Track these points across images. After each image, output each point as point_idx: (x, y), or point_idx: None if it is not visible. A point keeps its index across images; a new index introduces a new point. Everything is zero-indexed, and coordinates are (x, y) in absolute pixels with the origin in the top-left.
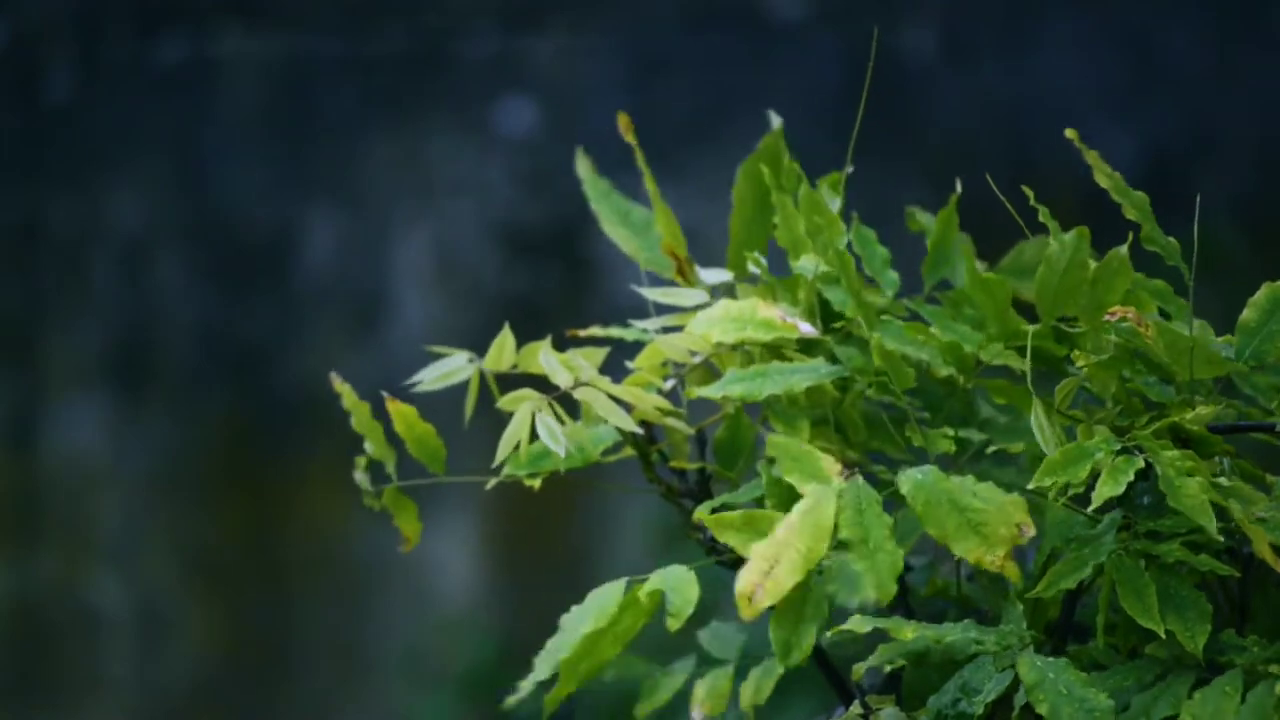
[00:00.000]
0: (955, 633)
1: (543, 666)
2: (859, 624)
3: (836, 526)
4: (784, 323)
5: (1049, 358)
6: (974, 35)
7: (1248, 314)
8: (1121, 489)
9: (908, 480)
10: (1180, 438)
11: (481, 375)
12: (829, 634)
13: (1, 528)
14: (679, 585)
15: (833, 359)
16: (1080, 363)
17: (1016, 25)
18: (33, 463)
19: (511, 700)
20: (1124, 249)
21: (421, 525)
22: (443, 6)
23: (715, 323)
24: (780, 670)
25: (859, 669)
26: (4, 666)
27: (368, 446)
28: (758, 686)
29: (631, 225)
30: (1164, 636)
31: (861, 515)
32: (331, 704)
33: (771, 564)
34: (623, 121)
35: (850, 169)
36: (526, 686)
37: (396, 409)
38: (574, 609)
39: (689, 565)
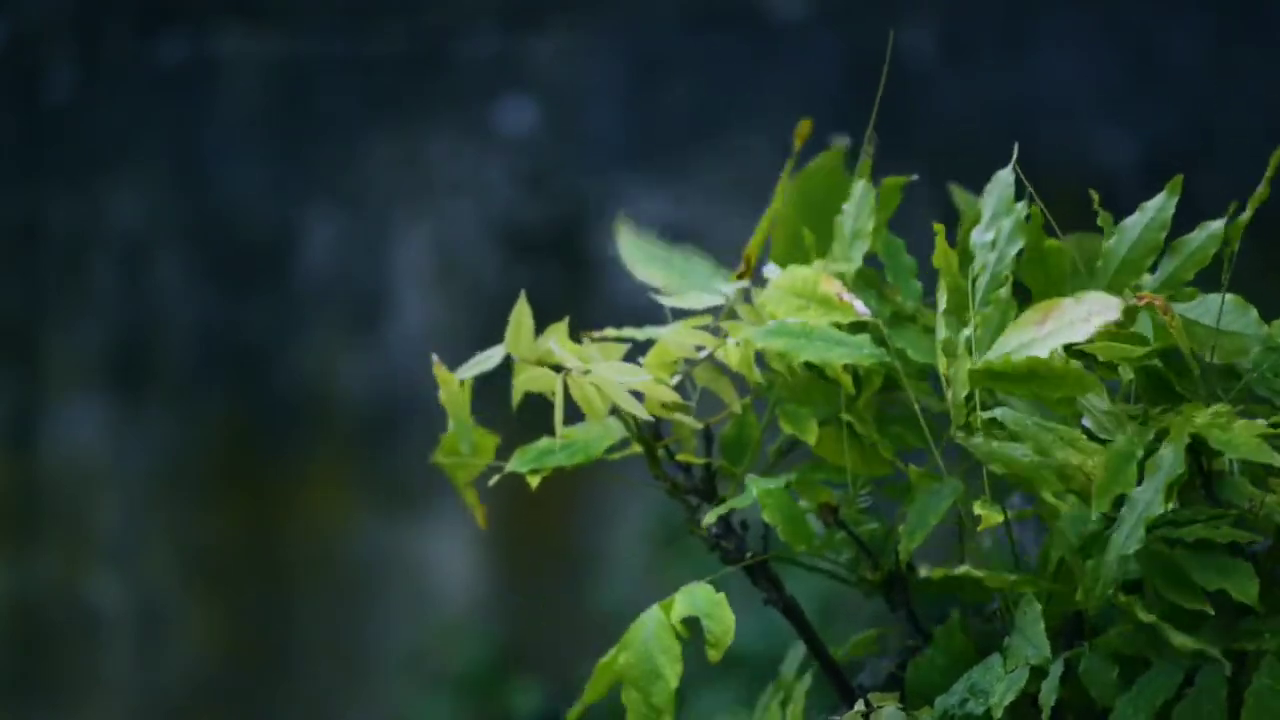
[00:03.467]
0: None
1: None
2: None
3: None
4: (842, 301)
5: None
6: (974, 35)
7: (1270, 331)
8: (1183, 467)
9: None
10: (1191, 437)
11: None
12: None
13: (1, 528)
14: (713, 610)
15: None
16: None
17: (1016, 25)
18: (33, 463)
19: None
20: (1220, 222)
21: (483, 507)
22: (443, 6)
23: (781, 296)
24: (810, 681)
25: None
26: (4, 666)
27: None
28: (794, 705)
29: (666, 264)
30: (1211, 612)
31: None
32: (331, 704)
33: None
34: (802, 129)
35: (911, 179)
36: None
37: (444, 376)
38: (625, 656)
39: (707, 580)
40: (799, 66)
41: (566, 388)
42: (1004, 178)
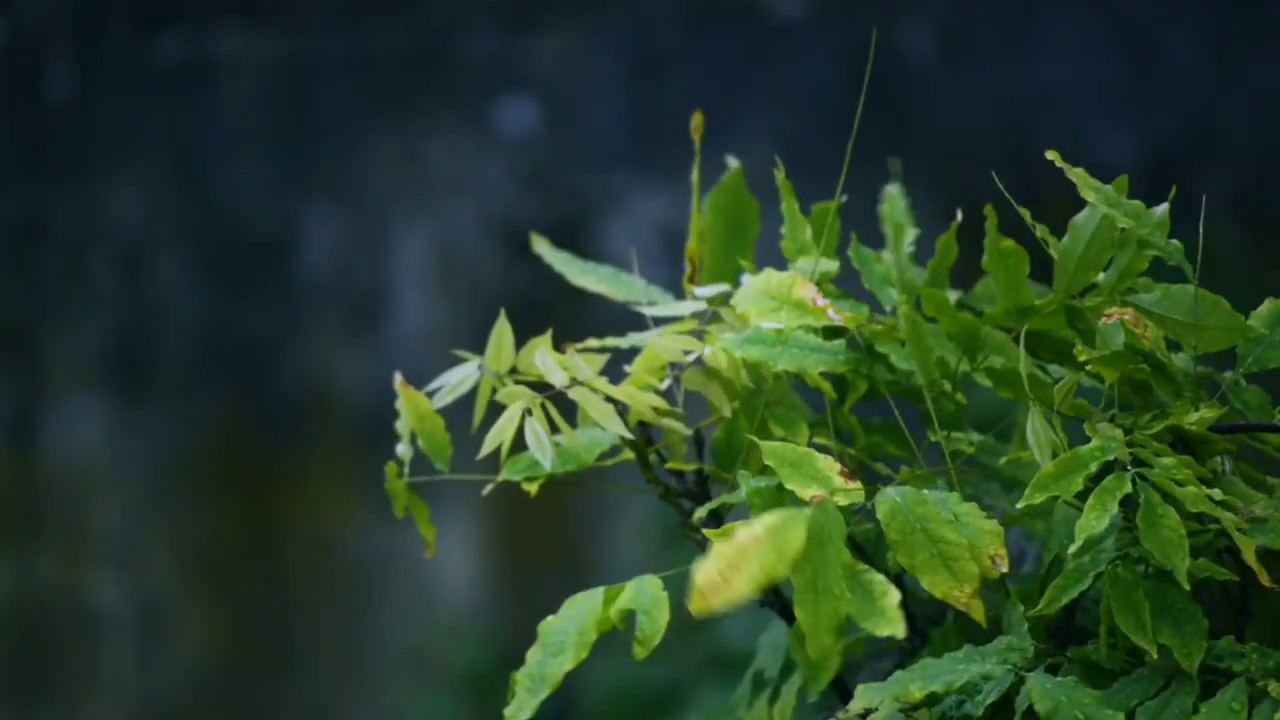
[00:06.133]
0: (958, 673)
1: (537, 691)
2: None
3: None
4: (815, 306)
5: (1056, 343)
6: (974, 35)
7: (1251, 323)
8: (1105, 524)
9: (885, 503)
10: (1182, 439)
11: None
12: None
13: (1, 528)
14: (651, 607)
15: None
16: (1083, 358)
17: (1016, 25)
18: (33, 463)
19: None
20: (1163, 207)
21: (435, 528)
22: (443, 6)
23: (755, 298)
24: (801, 684)
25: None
26: (4, 666)
27: (407, 444)
28: (784, 702)
29: (599, 275)
30: (1156, 656)
31: (819, 549)
32: (331, 704)
33: (732, 570)
34: (695, 121)
35: (844, 198)
36: (522, 709)
37: (410, 396)
38: (553, 621)
39: (663, 575)
40: (799, 66)
41: (527, 417)
42: (893, 191)
